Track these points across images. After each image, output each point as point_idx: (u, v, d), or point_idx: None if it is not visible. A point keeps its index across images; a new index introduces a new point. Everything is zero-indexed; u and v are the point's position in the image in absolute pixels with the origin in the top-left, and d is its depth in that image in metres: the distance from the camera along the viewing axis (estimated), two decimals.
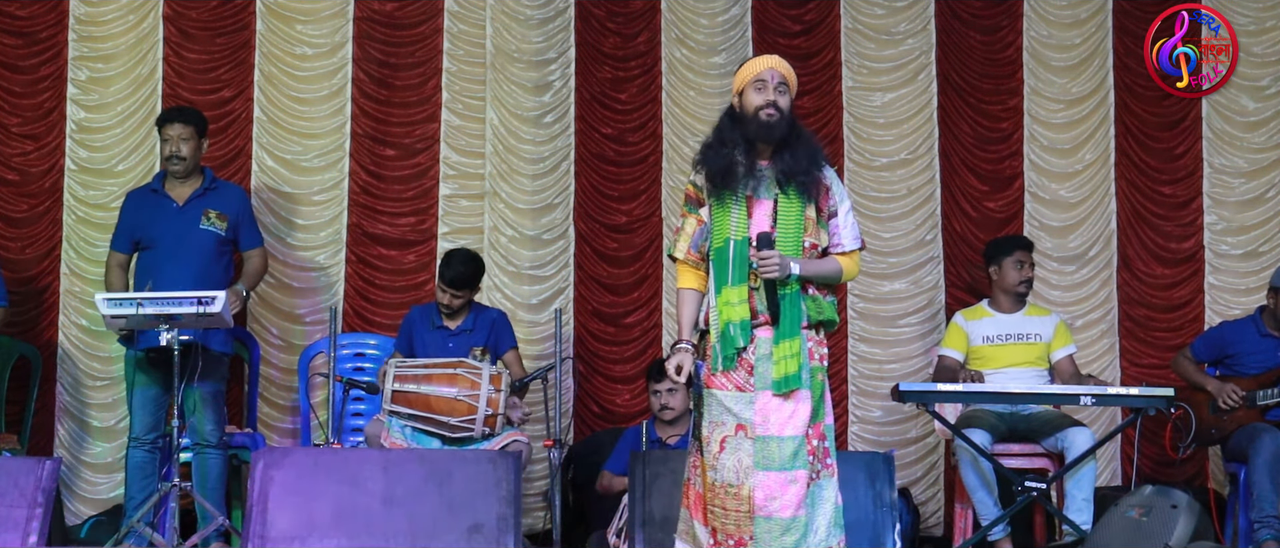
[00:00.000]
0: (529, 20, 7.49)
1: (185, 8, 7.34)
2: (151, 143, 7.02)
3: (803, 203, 4.72)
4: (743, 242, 4.68)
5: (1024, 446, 6.59)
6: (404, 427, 6.13)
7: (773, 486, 4.59)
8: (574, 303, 7.43)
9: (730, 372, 4.67)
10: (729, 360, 4.66)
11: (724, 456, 4.63)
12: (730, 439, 4.64)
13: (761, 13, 7.59)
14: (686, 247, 4.81)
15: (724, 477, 4.62)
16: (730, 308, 4.66)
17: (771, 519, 4.58)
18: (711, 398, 4.69)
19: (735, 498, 4.61)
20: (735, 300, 4.66)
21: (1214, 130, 7.70)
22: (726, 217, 4.72)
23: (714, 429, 4.67)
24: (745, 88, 4.76)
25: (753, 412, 4.64)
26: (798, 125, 4.80)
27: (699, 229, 4.79)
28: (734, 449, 4.63)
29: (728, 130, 4.78)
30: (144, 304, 5.67)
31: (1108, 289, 7.61)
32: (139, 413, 6.20)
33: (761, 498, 4.58)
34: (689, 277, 4.83)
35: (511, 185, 7.43)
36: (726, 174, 4.71)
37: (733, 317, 4.65)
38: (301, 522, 5.47)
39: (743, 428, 4.64)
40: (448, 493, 5.53)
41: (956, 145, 7.63)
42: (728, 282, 4.68)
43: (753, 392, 4.66)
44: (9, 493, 5.48)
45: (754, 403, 4.65)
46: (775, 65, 4.76)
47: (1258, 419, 6.40)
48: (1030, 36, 7.69)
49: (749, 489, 4.59)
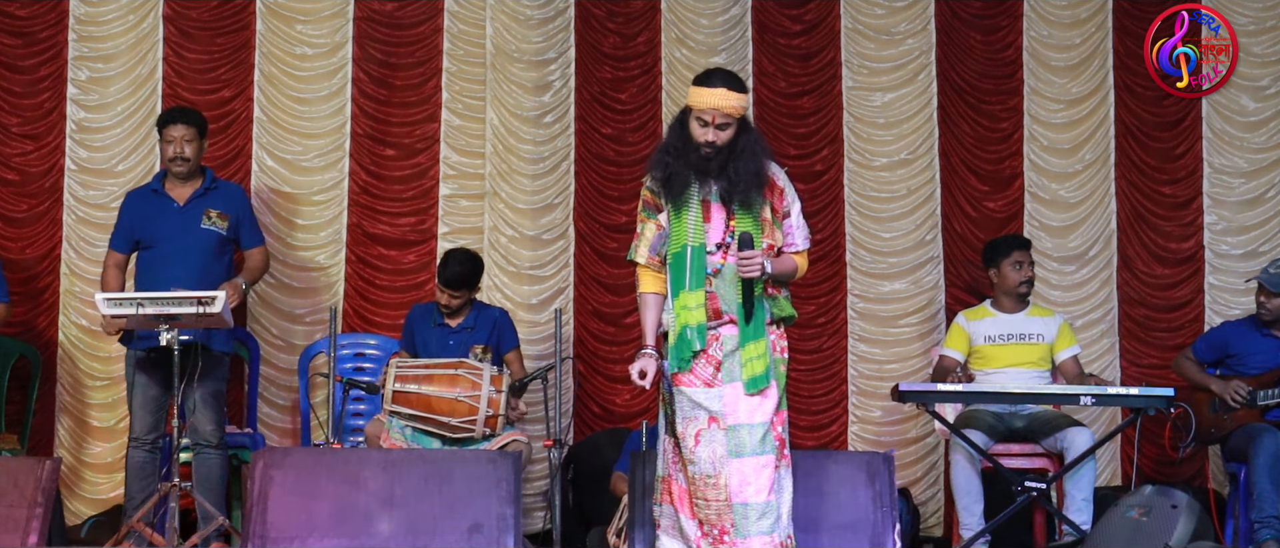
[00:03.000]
0: (529, 20, 7.49)
1: (185, 8, 7.34)
2: (151, 143, 7.02)
3: (753, 212, 4.82)
4: (699, 248, 4.78)
5: (1023, 446, 6.60)
6: (404, 427, 6.13)
7: (747, 472, 4.71)
8: (574, 303, 7.43)
9: (694, 369, 4.78)
10: (685, 362, 4.77)
11: (700, 448, 4.75)
12: (704, 432, 4.76)
13: (761, 13, 7.59)
14: (646, 252, 4.91)
15: (702, 468, 4.75)
16: (687, 312, 4.77)
17: (748, 505, 4.70)
18: (681, 395, 4.80)
19: (714, 488, 4.73)
20: (692, 305, 4.77)
21: (1214, 130, 7.70)
22: (682, 223, 4.82)
23: (688, 424, 4.79)
24: (692, 112, 4.82)
25: (721, 404, 4.76)
26: (743, 140, 4.82)
27: (658, 234, 4.89)
28: (708, 441, 4.75)
29: (675, 139, 4.87)
30: (144, 304, 5.67)
31: (1108, 289, 7.61)
32: (139, 413, 6.20)
33: (737, 484, 4.71)
34: (650, 281, 4.92)
35: (511, 185, 7.43)
36: (673, 183, 4.82)
37: (690, 321, 4.77)
38: (301, 522, 5.47)
39: (715, 420, 4.75)
40: (448, 493, 5.53)
41: (956, 145, 7.63)
42: (685, 286, 4.78)
43: (720, 386, 4.77)
44: (9, 493, 5.48)
45: (722, 396, 4.77)
46: (719, 105, 4.76)
47: (1258, 419, 6.40)
48: (1030, 36, 7.69)
49: (725, 478, 4.71)
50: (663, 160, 4.86)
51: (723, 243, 4.81)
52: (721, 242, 4.81)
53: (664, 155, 4.87)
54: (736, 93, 4.80)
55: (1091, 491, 6.32)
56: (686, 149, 4.82)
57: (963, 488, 6.38)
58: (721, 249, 4.81)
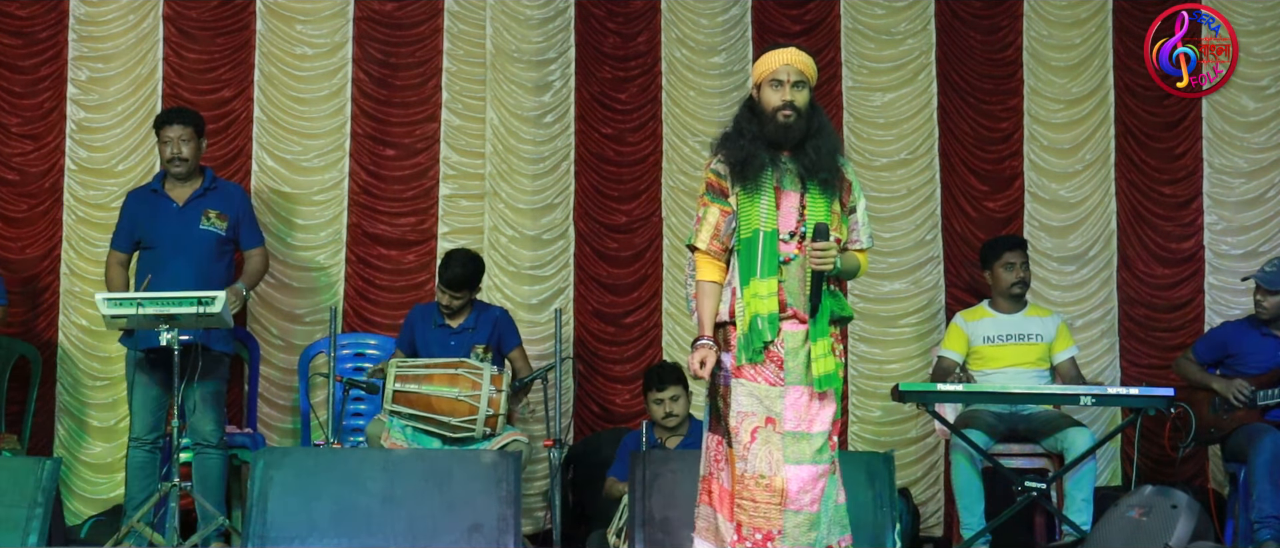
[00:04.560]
0: (529, 20, 7.49)
1: (185, 8, 7.34)
2: (151, 143, 7.02)
3: (828, 198, 4.60)
4: (772, 234, 4.54)
5: (1023, 446, 6.60)
6: (404, 427, 6.13)
7: (804, 479, 4.49)
8: (574, 303, 7.43)
9: (758, 364, 4.52)
10: (757, 354, 4.51)
11: (755, 446, 4.49)
12: (760, 430, 4.50)
13: (761, 13, 7.59)
14: (707, 237, 4.61)
15: (756, 467, 4.48)
16: (759, 300, 4.51)
17: (800, 513, 4.48)
18: (740, 388, 4.53)
19: (767, 489, 4.48)
20: (764, 293, 4.51)
21: (1214, 130, 7.70)
22: (754, 208, 4.55)
23: (743, 420, 4.52)
24: (762, 83, 4.61)
25: (783, 406, 4.52)
26: (817, 118, 4.66)
27: (724, 219, 4.60)
28: (764, 440, 4.49)
29: (746, 122, 4.62)
30: (144, 304, 5.68)
31: (1108, 289, 7.61)
32: (139, 413, 6.20)
33: (794, 491, 4.47)
34: (709, 268, 4.63)
35: (511, 185, 7.43)
36: (748, 166, 4.57)
37: (761, 310, 4.50)
38: (301, 522, 5.47)
39: (772, 421, 4.50)
40: (448, 493, 5.54)
41: (956, 145, 7.63)
42: (757, 274, 4.53)
43: (783, 386, 4.53)
44: (9, 493, 5.49)
45: (784, 397, 4.53)
46: (791, 60, 4.59)
47: (1257, 419, 6.40)
48: (1030, 36, 7.69)
49: (782, 481, 4.47)
50: (736, 142, 4.59)
51: (795, 232, 4.57)
52: (794, 230, 4.57)
53: (736, 137, 4.60)
54: (807, 53, 4.63)
55: (1091, 491, 6.32)
56: (762, 124, 4.58)
57: (963, 488, 6.38)
58: (794, 238, 4.57)
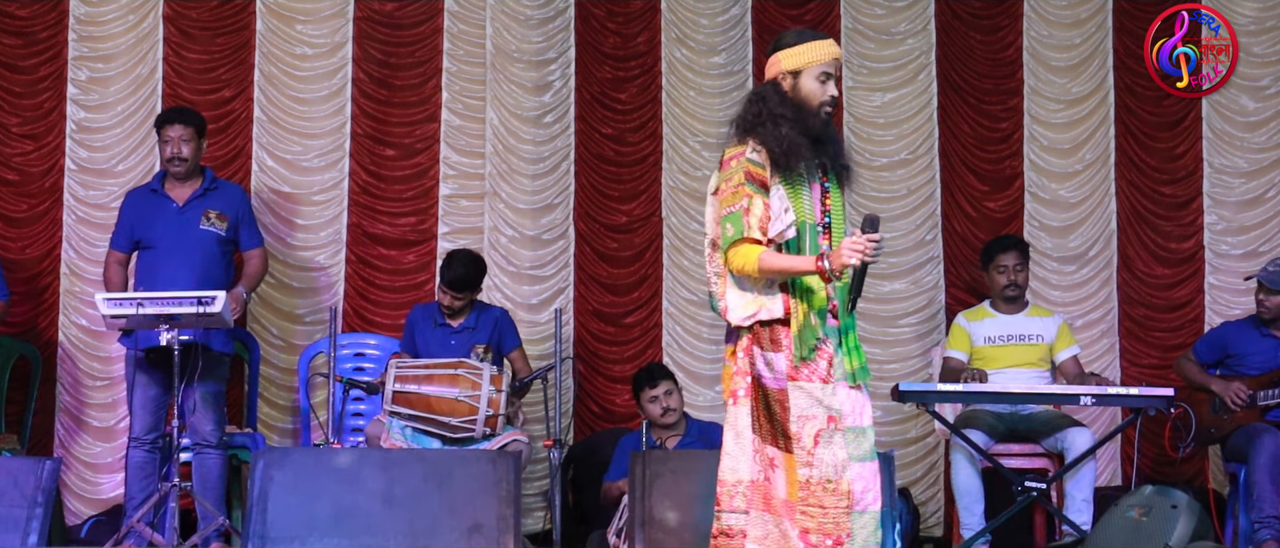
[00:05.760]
0: (529, 20, 7.49)
1: (185, 8, 7.34)
2: (151, 143, 7.02)
3: (841, 190, 4.52)
4: (815, 227, 4.41)
5: (1024, 446, 6.59)
6: (404, 428, 6.13)
7: (867, 477, 4.34)
8: (574, 303, 7.43)
9: (810, 363, 4.33)
10: (811, 351, 4.32)
11: (820, 449, 4.30)
12: (824, 432, 4.31)
13: (761, 13, 7.60)
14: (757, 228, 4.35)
15: (823, 472, 4.29)
16: (811, 295, 4.35)
17: (865, 513, 4.33)
18: (797, 391, 4.32)
19: (834, 494, 4.29)
20: (815, 287, 4.35)
21: (1214, 130, 7.70)
22: (799, 199, 4.38)
23: (805, 424, 4.32)
24: (804, 72, 4.41)
25: (838, 401, 4.35)
26: None
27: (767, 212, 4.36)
28: (828, 442, 4.30)
29: (779, 106, 4.39)
30: (144, 304, 5.68)
31: (1108, 289, 7.61)
32: (139, 413, 6.20)
33: (859, 490, 4.32)
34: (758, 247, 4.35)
35: (511, 185, 7.43)
36: (792, 157, 4.37)
37: (813, 304, 4.34)
38: (301, 522, 5.47)
39: (833, 419, 4.32)
40: (448, 493, 5.53)
41: (956, 145, 7.63)
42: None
43: (834, 383, 4.36)
44: (9, 493, 5.48)
45: (838, 393, 4.35)
46: (839, 56, 4.48)
47: (1258, 420, 6.40)
48: (1030, 36, 7.69)
49: (847, 483, 4.30)
50: (775, 130, 4.36)
51: (824, 224, 4.43)
52: (822, 222, 4.43)
53: (777, 125, 4.37)
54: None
55: (1091, 491, 6.32)
56: (803, 116, 4.39)
57: (963, 488, 6.38)
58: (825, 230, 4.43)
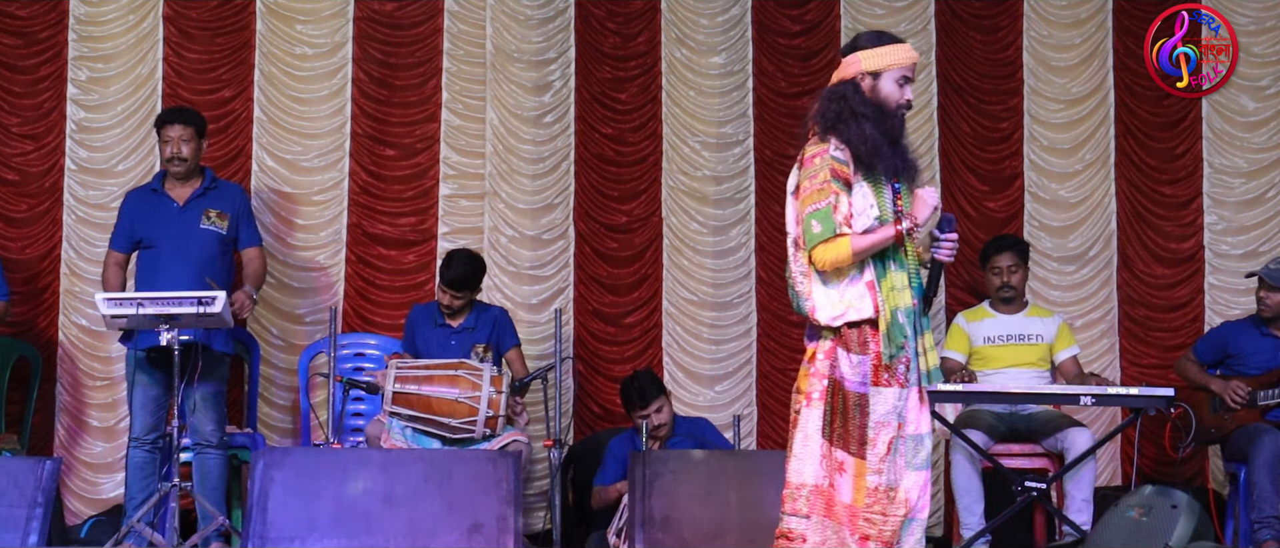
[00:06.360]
0: (529, 20, 7.49)
1: (185, 8, 7.34)
2: (151, 143, 7.02)
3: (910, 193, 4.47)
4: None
5: (1024, 446, 6.59)
6: (404, 428, 6.13)
7: (923, 485, 4.32)
8: (574, 303, 7.43)
9: (892, 366, 4.28)
10: (899, 350, 4.27)
11: (890, 458, 4.27)
12: (895, 440, 4.28)
13: (761, 13, 7.59)
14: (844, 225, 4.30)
15: (889, 480, 4.27)
16: (896, 294, 4.31)
17: (914, 520, 4.30)
18: (878, 396, 4.27)
19: (893, 502, 4.27)
20: (900, 285, 4.31)
21: (1214, 130, 7.70)
22: (882, 198, 4.35)
23: (880, 431, 4.27)
24: (888, 73, 4.38)
25: (906, 407, 4.31)
26: None
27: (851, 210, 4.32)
28: (897, 450, 4.28)
29: (861, 105, 4.34)
30: (144, 304, 5.68)
31: (1108, 289, 7.61)
32: (139, 413, 6.20)
33: (916, 498, 4.30)
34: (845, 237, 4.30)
35: (511, 185, 7.43)
36: (877, 157, 4.31)
37: (899, 303, 4.30)
38: (301, 522, 5.47)
39: (902, 426, 4.29)
40: (448, 493, 5.53)
41: (956, 145, 7.63)
42: (893, 266, 4.35)
43: (908, 387, 4.32)
44: (9, 493, 5.49)
45: (909, 399, 4.32)
46: (918, 61, 4.47)
47: (1258, 419, 6.40)
48: (1030, 36, 7.69)
49: (904, 491, 4.28)
50: (859, 129, 4.31)
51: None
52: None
53: (860, 124, 4.33)
54: None
55: (1091, 491, 6.32)
56: (884, 116, 4.34)
57: (963, 488, 6.39)
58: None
